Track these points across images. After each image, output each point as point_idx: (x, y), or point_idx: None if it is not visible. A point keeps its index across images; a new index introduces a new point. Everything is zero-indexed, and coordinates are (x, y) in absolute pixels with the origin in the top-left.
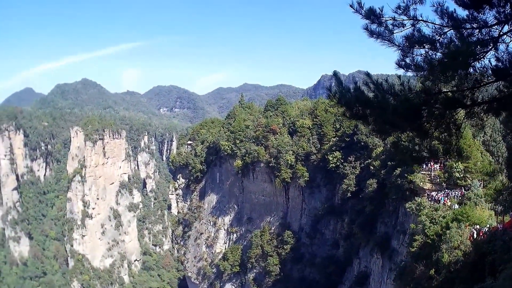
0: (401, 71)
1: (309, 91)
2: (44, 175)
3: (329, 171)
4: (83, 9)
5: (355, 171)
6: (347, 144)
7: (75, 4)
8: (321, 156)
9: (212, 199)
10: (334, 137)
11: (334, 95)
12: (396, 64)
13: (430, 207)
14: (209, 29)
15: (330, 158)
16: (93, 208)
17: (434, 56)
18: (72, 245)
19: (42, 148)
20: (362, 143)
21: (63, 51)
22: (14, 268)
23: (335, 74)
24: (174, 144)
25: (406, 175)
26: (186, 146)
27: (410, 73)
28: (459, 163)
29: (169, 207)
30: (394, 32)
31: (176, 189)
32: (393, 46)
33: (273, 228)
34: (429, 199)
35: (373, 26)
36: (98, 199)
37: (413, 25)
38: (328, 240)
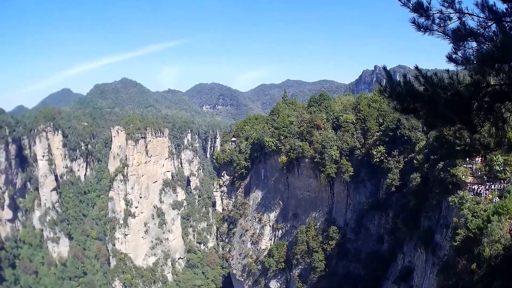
0: (451, 65)
1: (351, 86)
2: (85, 175)
3: (373, 165)
4: (121, 10)
5: (399, 165)
6: (391, 139)
7: (113, 5)
8: (365, 151)
9: (257, 195)
10: (377, 132)
11: (385, 89)
12: (447, 57)
13: (472, 200)
14: (250, 26)
15: (374, 153)
16: (136, 207)
17: (481, 49)
18: (114, 245)
19: (82, 148)
20: (405, 138)
21: (101, 52)
22: (52, 268)
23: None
24: (218, 141)
25: (448, 168)
26: (230, 143)
27: (457, 67)
28: (499, 156)
29: (214, 204)
30: (441, 25)
31: (220, 186)
32: (447, 38)
33: (318, 224)
34: (471, 192)
35: (421, 20)
36: (141, 197)
37: (459, 18)
38: (373, 235)
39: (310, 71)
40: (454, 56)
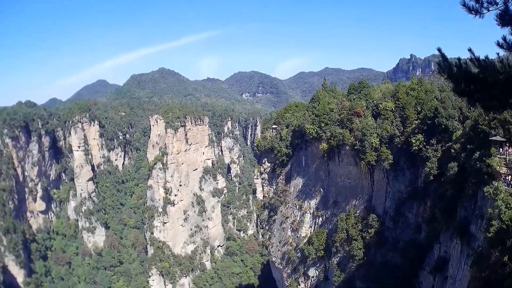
0: (501, 51)
1: (388, 74)
2: (123, 164)
3: (412, 153)
4: (158, 1)
5: (437, 154)
6: (429, 127)
7: None
8: (404, 139)
9: (298, 182)
10: (416, 120)
11: (443, 70)
12: (498, 43)
13: (505, 191)
14: (288, 14)
15: (413, 141)
16: (175, 195)
17: None
18: (152, 233)
19: (120, 137)
20: (443, 126)
21: (137, 44)
22: (86, 259)
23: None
24: (258, 128)
25: (484, 158)
26: (271, 130)
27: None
28: None
29: (254, 192)
30: (490, 9)
31: (261, 173)
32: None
33: (358, 212)
34: (505, 183)
35: (471, 3)
36: (180, 185)
37: (505, 3)
38: (411, 224)
39: (349, 60)
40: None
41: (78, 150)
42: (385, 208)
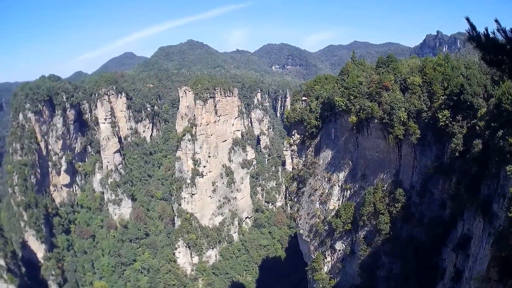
0: None
1: (416, 49)
2: (151, 135)
3: (439, 129)
4: None
5: (463, 130)
6: (455, 103)
7: None
8: (431, 114)
9: (327, 155)
10: (442, 96)
11: (473, 39)
12: None
13: None
14: None
15: (440, 116)
16: (204, 166)
17: None
18: (180, 204)
19: (148, 109)
20: (468, 103)
21: (164, 16)
22: (111, 231)
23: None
24: (288, 100)
25: (507, 137)
26: (300, 102)
27: None
28: None
29: (283, 163)
30: None
31: (291, 145)
32: None
33: (385, 186)
34: None
35: None
36: (209, 157)
37: None
38: (436, 200)
39: (377, 34)
40: None
41: (104, 123)
42: (412, 183)
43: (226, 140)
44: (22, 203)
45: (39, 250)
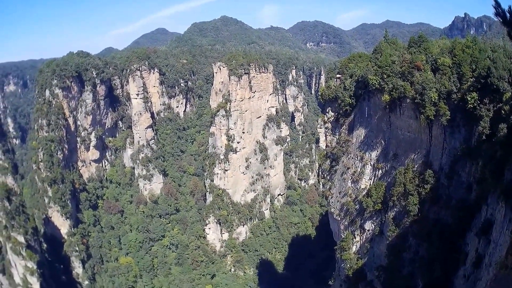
0: None
1: (445, 30)
2: (184, 111)
3: (467, 111)
4: None
5: (489, 113)
6: (482, 86)
7: None
8: (460, 96)
9: (360, 133)
10: (471, 78)
11: (499, 14)
12: None
13: None
14: None
15: (469, 99)
16: (238, 142)
17: None
18: (212, 180)
19: (182, 85)
20: (495, 86)
21: None
22: (141, 207)
23: None
24: (323, 78)
25: None
26: (335, 80)
27: None
28: None
29: (317, 141)
30: None
31: (325, 123)
32: None
33: (416, 166)
34: None
35: None
36: (243, 133)
37: None
38: (463, 183)
39: (408, 14)
40: None
41: (136, 98)
42: (441, 165)
43: (260, 117)
44: (47, 179)
45: (63, 226)
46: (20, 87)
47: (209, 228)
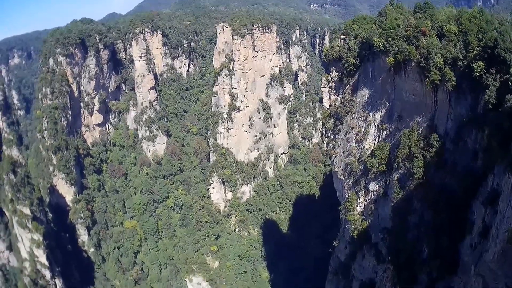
0: None
1: (452, 0)
2: (187, 71)
3: (473, 79)
4: None
5: (496, 84)
6: (489, 56)
7: None
8: (466, 63)
9: (364, 93)
10: (477, 47)
11: None
12: None
13: None
14: None
15: (475, 67)
16: (241, 101)
17: None
18: (215, 139)
19: (185, 45)
20: (501, 58)
21: None
22: (145, 168)
23: None
24: (327, 38)
25: None
26: (339, 40)
27: None
28: None
29: (321, 100)
30: None
31: (328, 82)
32: None
33: (421, 129)
34: None
35: None
36: (247, 91)
37: None
38: (469, 149)
39: None
40: None
41: (139, 60)
42: (446, 130)
43: (263, 75)
44: (51, 147)
45: (68, 193)
46: (24, 58)
47: (213, 188)
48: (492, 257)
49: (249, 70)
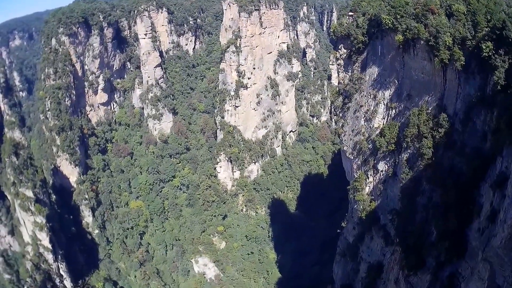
0: None
1: None
2: (193, 48)
3: (482, 59)
4: None
5: (505, 65)
6: (497, 37)
7: None
8: (475, 43)
9: (373, 71)
10: (486, 27)
11: None
12: None
13: None
14: None
15: (484, 47)
16: (248, 78)
17: None
18: (223, 117)
19: (191, 22)
20: (510, 39)
21: None
22: (151, 147)
23: None
24: (334, 15)
25: None
26: (347, 17)
27: None
28: None
29: (329, 77)
30: None
31: (337, 59)
32: None
33: (430, 109)
34: None
35: None
36: (254, 68)
37: None
38: (478, 131)
39: None
40: None
41: (144, 38)
42: (455, 110)
43: (271, 52)
44: (55, 128)
45: (72, 174)
46: (26, 39)
47: (220, 167)
48: (499, 243)
49: (256, 47)
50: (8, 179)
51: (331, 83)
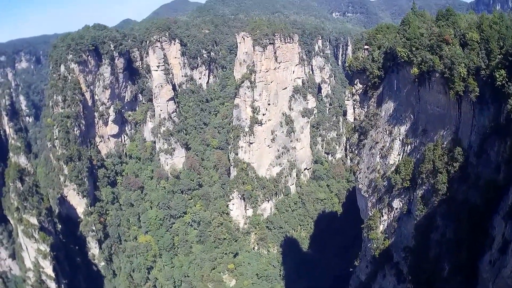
0: None
1: (472, 5)
2: (207, 82)
3: (496, 88)
4: None
5: None
6: (510, 63)
7: None
8: (489, 72)
9: (389, 106)
10: (499, 54)
11: None
12: None
13: None
14: None
15: (497, 76)
16: (263, 114)
17: None
18: (236, 154)
19: (204, 55)
20: None
21: None
22: (162, 182)
23: None
24: (349, 48)
25: None
26: (363, 51)
27: None
28: None
29: (345, 113)
30: None
31: (353, 95)
32: None
33: (445, 143)
34: None
35: None
36: (269, 104)
37: None
38: (492, 162)
39: None
40: None
41: (157, 70)
42: (470, 142)
43: (286, 88)
44: (63, 157)
45: (79, 205)
46: (33, 63)
47: (233, 204)
48: (510, 272)
49: (271, 82)
50: (11, 204)
51: (346, 119)
